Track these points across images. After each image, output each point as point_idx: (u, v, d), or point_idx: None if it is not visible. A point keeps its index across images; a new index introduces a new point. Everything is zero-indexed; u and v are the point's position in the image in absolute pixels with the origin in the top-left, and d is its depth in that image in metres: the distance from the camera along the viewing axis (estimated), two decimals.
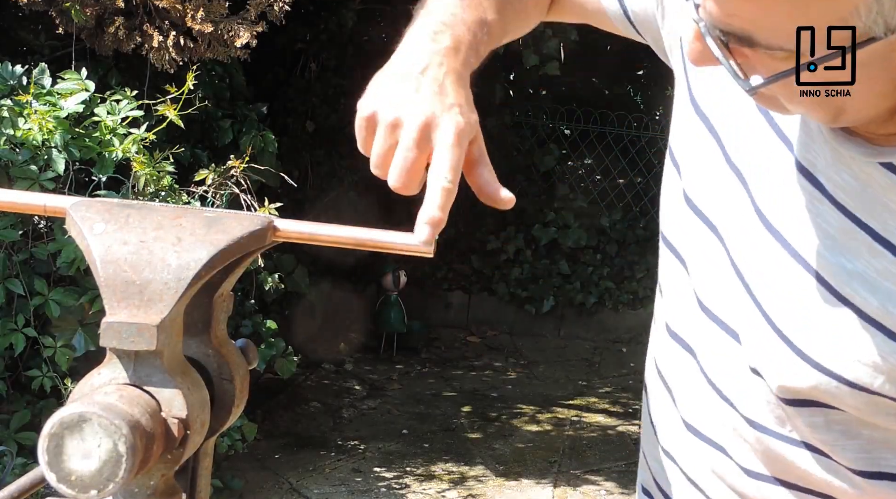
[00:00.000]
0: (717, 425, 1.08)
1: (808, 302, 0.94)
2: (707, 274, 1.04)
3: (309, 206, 5.49)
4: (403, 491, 4.22)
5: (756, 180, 0.98)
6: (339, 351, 5.89)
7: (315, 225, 0.80)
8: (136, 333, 0.71)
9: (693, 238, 1.06)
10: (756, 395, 1.02)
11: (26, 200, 0.81)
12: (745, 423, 1.04)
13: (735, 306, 1.01)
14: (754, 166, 0.98)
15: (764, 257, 0.97)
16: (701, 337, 1.07)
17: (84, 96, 3.16)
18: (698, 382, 1.08)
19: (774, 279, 0.96)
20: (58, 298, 3.17)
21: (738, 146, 1.00)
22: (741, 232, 1.00)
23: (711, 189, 1.03)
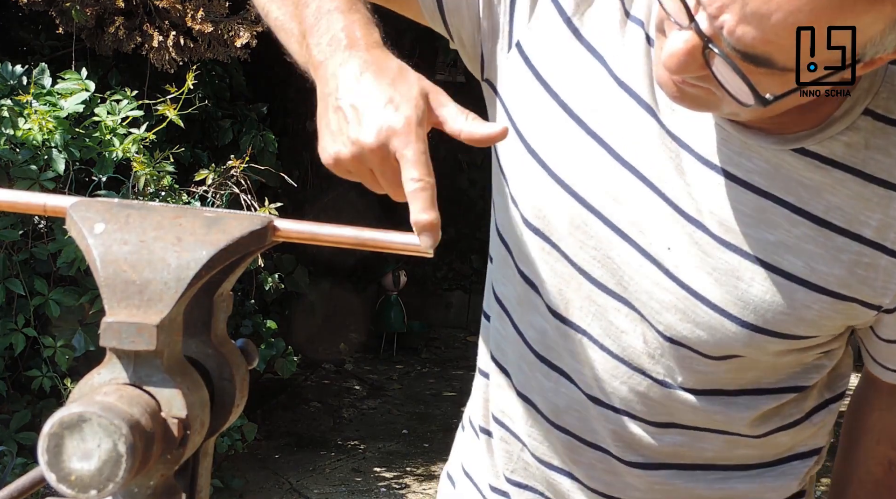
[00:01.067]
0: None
1: (741, 275, 1.03)
2: (632, 281, 1.08)
3: (309, 206, 5.50)
4: (403, 491, 4.22)
5: (661, 176, 1.04)
6: (340, 351, 5.89)
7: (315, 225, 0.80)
8: (135, 333, 0.71)
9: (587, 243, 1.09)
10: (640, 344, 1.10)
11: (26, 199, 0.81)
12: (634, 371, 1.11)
13: (664, 297, 1.07)
14: (655, 167, 1.04)
15: (686, 247, 1.04)
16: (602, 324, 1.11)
17: (84, 96, 3.17)
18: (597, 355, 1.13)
19: (696, 260, 1.04)
20: (58, 298, 3.17)
21: (628, 148, 1.05)
22: (659, 227, 1.05)
23: (597, 175, 1.06)
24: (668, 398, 1.11)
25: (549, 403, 1.17)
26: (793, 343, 1.06)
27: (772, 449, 1.17)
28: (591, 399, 1.13)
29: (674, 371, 1.10)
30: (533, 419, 1.19)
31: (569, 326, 1.12)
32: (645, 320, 1.08)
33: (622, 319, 1.09)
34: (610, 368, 1.11)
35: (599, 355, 1.12)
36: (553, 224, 1.09)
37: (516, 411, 1.21)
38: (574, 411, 1.15)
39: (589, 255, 1.08)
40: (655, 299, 1.07)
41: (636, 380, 1.11)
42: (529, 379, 1.18)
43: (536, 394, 1.18)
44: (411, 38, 6.16)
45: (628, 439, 1.14)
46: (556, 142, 1.08)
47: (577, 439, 1.16)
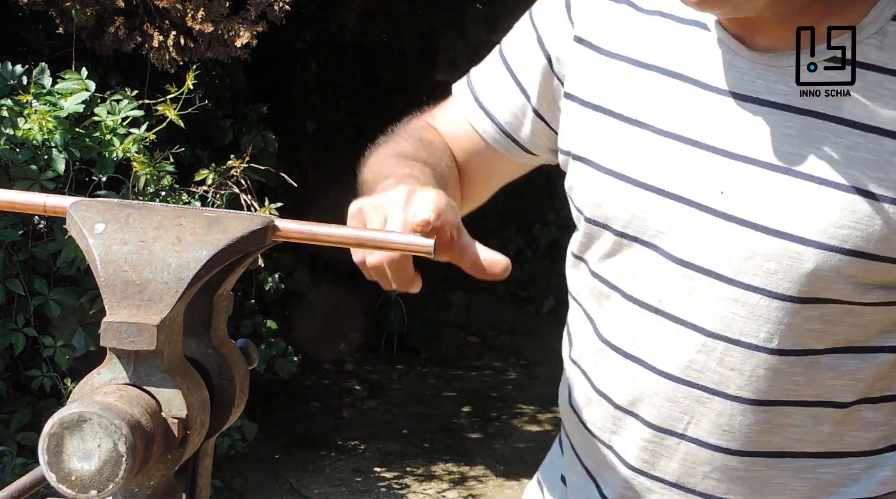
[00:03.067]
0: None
1: (801, 197, 1.03)
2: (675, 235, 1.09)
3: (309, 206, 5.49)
4: (403, 491, 4.22)
5: (703, 130, 1.07)
6: (340, 351, 5.89)
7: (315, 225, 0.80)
8: (135, 333, 0.71)
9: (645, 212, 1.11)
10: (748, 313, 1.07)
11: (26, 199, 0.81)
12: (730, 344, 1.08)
13: (720, 246, 1.06)
14: (696, 124, 1.08)
15: (737, 184, 1.05)
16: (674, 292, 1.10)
17: (84, 96, 3.17)
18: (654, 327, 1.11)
19: (753, 194, 1.04)
20: (58, 298, 3.17)
21: (667, 119, 1.09)
22: (711, 177, 1.06)
23: (648, 157, 1.10)
24: (756, 365, 1.07)
25: (623, 393, 1.15)
26: (870, 266, 1.03)
27: (862, 430, 1.12)
28: (677, 381, 1.11)
29: (758, 329, 1.06)
30: (610, 414, 1.17)
31: (646, 309, 1.11)
32: (718, 277, 1.06)
33: (696, 285, 1.08)
34: (696, 344, 1.09)
35: (680, 333, 1.10)
36: (613, 214, 1.12)
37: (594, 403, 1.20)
38: (655, 397, 1.12)
39: (650, 231, 1.10)
40: (720, 251, 1.06)
41: (721, 350, 1.08)
42: (603, 370, 1.18)
43: (611, 385, 1.17)
44: (411, 37, 6.16)
45: (712, 422, 1.10)
46: (603, 142, 1.13)
47: (656, 428, 1.13)
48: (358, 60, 6.16)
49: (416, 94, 6.40)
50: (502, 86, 1.25)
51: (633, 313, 1.13)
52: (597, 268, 1.17)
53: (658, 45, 1.11)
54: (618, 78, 1.13)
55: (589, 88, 1.16)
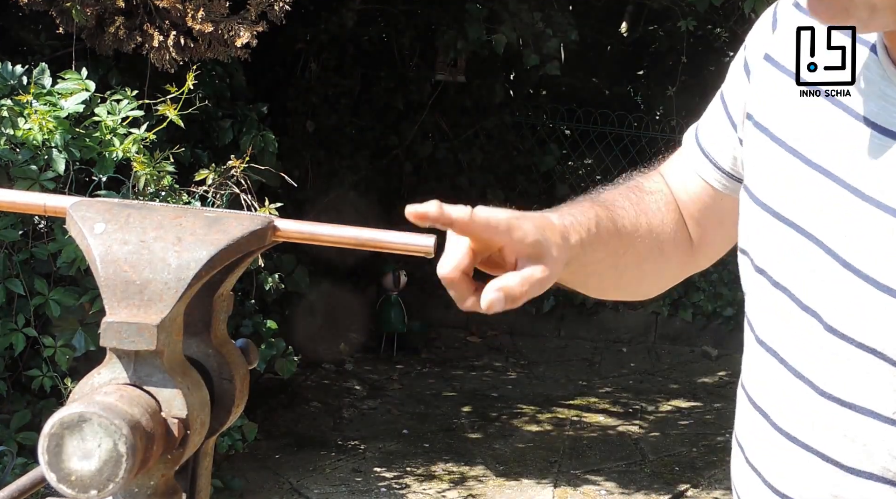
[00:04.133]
0: (823, 431, 1.01)
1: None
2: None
3: (309, 206, 5.50)
4: (403, 491, 4.22)
5: (839, 163, 0.98)
6: (340, 351, 5.89)
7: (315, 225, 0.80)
8: (136, 333, 0.71)
9: (789, 253, 1.03)
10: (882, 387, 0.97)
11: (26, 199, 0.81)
12: (872, 418, 0.97)
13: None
14: (835, 152, 0.99)
15: (865, 231, 0.96)
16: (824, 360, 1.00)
17: (84, 96, 3.17)
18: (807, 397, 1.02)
19: (883, 249, 0.95)
20: (58, 298, 3.17)
21: (814, 143, 1.01)
22: (838, 223, 0.98)
23: (796, 194, 1.02)
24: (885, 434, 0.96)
25: (754, 443, 1.07)
26: None
27: None
28: (796, 443, 1.02)
29: (888, 398, 0.95)
30: (742, 461, 1.10)
31: (772, 356, 1.04)
32: (837, 334, 0.97)
33: (818, 337, 0.99)
34: (816, 405, 0.99)
35: (802, 390, 1.01)
36: (768, 256, 1.05)
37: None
38: (774, 457, 1.04)
39: (784, 268, 1.02)
40: (840, 302, 0.97)
41: (846, 417, 0.98)
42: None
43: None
44: (411, 37, 6.16)
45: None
46: (762, 170, 1.06)
47: (778, 493, 1.04)
48: (358, 60, 6.16)
49: (417, 94, 6.40)
50: (719, 126, 1.18)
51: (760, 357, 1.06)
52: (746, 303, 1.11)
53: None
54: (783, 96, 1.06)
55: (761, 106, 1.09)
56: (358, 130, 6.28)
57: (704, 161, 1.19)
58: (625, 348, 6.37)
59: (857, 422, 0.98)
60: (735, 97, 1.15)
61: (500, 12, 5.28)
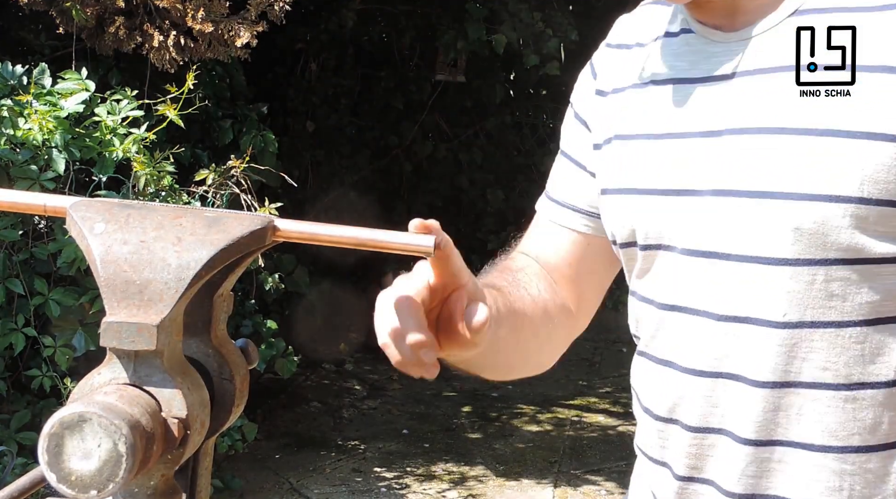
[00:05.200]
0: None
1: (776, 154, 1.01)
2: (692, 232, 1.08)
3: (309, 206, 5.50)
4: (403, 491, 4.22)
5: (686, 118, 1.10)
6: (340, 351, 5.89)
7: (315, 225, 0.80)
8: (136, 333, 0.71)
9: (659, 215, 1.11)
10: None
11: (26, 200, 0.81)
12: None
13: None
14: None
15: (725, 160, 1.05)
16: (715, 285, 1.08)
17: (84, 96, 3.17)
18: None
19: (744, 166, 1.04)
20: (58, 298, 3.17)
21: (662, 121, 1.12)
22: (720, 161, 1.06)
23: (652, 165, 1.12)
24: (767, 340, 1.03)
25: (663, 399, 1.13)
26: (869, 211, 0.97)
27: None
28: (703, 375, 1.08)
29: (766, 302, 1.02)
30: (651, 421, 1.16)
31: (666, 310, 1.11)
32: (726, 258, 1.05)
33: (710, 272, 1.06)
34: (715, 331, 1.06)
35: (701, 325, 1.07)
36: (634, 228, 1.13)
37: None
38: (687, 399, 1.10)
39: (666, 234, 1.10)
40: (722, 231, 1.04)
41: (739, 331, 1.05)
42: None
43: (652, 398, 1.16)
44: (411, 37, 6.16)
45: (740, 409, 1.06)
46: (613, 167, 1.17)
47: (679, 425, 1.11)
48: (358, 60, 6.16)
49: (417, 94, 6.40)
50: (569, 175, 1.27)
51: (659, 316, 1.13)
52: (637, 285, 1.18)
53: (653, 63, 1.15)
54: (621, 106, 1.17)
55: (602, 129, 1.20)
56: (358, 130, 6.28)
57: (564, 211, 1.27)
58: (625, 348, 6.37)
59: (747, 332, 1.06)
60: (576, 146, 1.26)
61: (500, 12, 5.28)
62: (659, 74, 1.14)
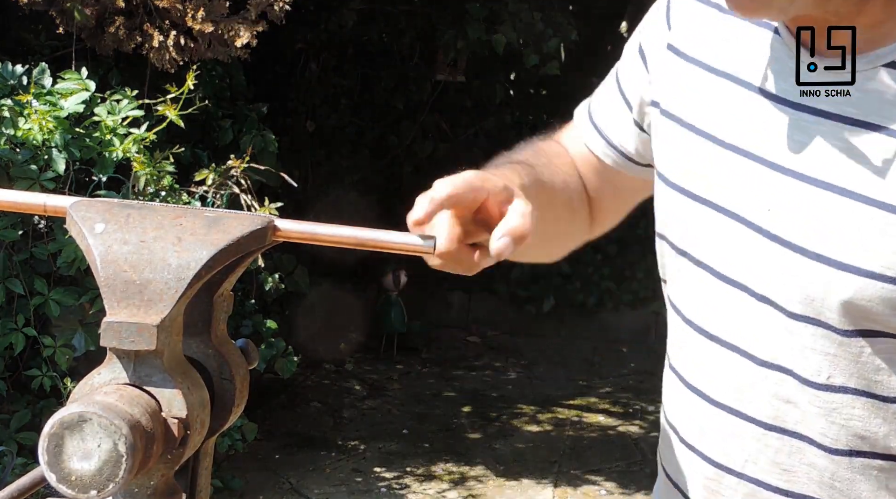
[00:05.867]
0: (757, 399, 1.05)
1: (845, 217, 0.96)
2: (721, 254, 1.04)
3: (309, 206, 5.49)
4: (403, 491, 4.22)
5: (756, 142, 1.02)
6: (340, 351, 5.89)
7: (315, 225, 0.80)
8: (136, 333, 0.71)
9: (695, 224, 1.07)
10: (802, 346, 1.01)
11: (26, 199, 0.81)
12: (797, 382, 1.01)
13: (768, 269, 1.01)
14: (750, 132, 1.03)
15: (783, 202, 1.00)
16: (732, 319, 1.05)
17: (84, 96, 3.17)
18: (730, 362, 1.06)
19: (797, 214, 0.98)
20: (58, 298, 3.17)
21: (729, 126, 1.05)
22: (759, 192, 1.01)
23: (713, 176, 1.06)
24: (809, 402, 1.00)
25: (686, 425, 1.11)
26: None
27: None
28: (731, 412, 1.05)
29: (807, 360, 0.99)
30: (674, 445, 1.13)
31: (702, 335, 1.07)
32: (769, 303, 1.00)
33: (749, 308, 1.02)
34: (749, 376, 1.03)
35: (734, 362, 1.04)
36: (672, 227, 1.10)
37: (666, 441, 1.16)
38: (712, 431, 1.07)
39: (701, 246, 1.06)
40: (768, 274, 1.00)
41: (777, 381, 1.02)
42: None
43: (677, 418, 1.13)
44: (411, 37, 6.16)
45: (769, 461, 1.04)
46: (670, 152, 1.11)
47: (717, 465, 1.08)
48: (358, 60, 6.15)
49: (417, 94, 6.40)
50: (612, 102, 1.23)
51: (691, 338, 1.08)
52: (667, 287, 1.15)
53: (731, 50, 1.07)
54: (692, 84, 1.10)
55: (668, 95, 1.12)
56: (358, 130, 6.28)
57: (597, 137, 1.24)
58: (625, 348, 6.36)
59: (789, 385, 1.01)
60: (630, 80, 1.20)
61: (500, 12, 5.28)
62: (736, 70, 1.05)
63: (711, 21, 1.09)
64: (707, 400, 1.07)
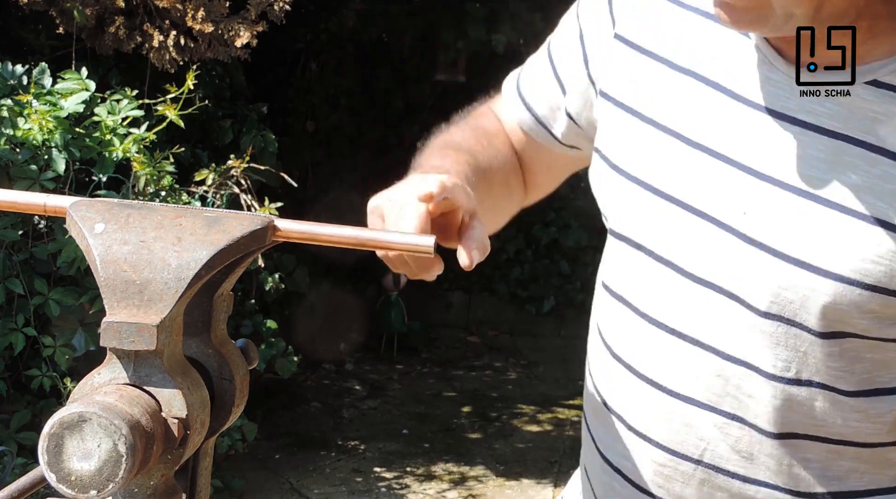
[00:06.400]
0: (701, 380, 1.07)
1: (824, 225, 0.98)
2: (687, 244, 1.06)
3: (309, 206, 5.49)
4: (403, 491, 4.22)
5: (729, 144, 1.03)
6: (340, 351, 5.89)
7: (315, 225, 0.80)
8: (136, 333, 0.71)
9: (657, 220, 1.08)
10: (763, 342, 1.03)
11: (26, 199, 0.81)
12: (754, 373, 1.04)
13: (736, 264, 1.03)
14: (722, 133, 1.04)
15: (760, 206, 1.01)
16: (694, 312, 1.06)
17: (84, 96, 3.16)
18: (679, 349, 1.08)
19: (776, 219, 1.00)
20: (58, 298, 3.17)
21: (697, 124, 1.06)
22: (735, 195, 1.03)
23: (670, 168, 1.07)
24: (773, 395, 1.03)
25: (636, 414, 1.11)
26: (890, 301, 0.98)
27: (885, 468, 1.08)
28: (690, 402, 1.06)
29: (776, 358, 1.02)
30: (620, 432, 1.13)
31: (661, 329, 1.08)
32: (738, 301, 1.02)
33: (715, 306, 1.03)
34: (713, 369, 1.05)
35: (698, 355, 1.05)
36: (633, 222, 1.10)
37: (607, 428, 1.16)
38: (665, 420, 1.09)
39: (669, 245, 1.06)
40: (740, 275, 1.02)
41: (741, 376, 1.04)
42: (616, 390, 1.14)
43: (624, 407, 1.13)
44: (411, 37, 6.16)
45: (730, 448, 1.06)
46: (631, 147, 1.11)
47: (672, 452, 1.09)
48: (358, 60, 6.15)
49: (417, 94, 6.40)
50: (543, 78, 1.24)
51: (645, 331, 1.09)
52: (610, 277, 1.15)
53: (696, 48, 1.07)
54: (652, 79, 1.10)
55: (623, 88, 1.12)
56: (358, 129, 6.28)
57: (525, 112, 1.25)
58: None
59: (755, 380, 1.04)
60: (567, 65, 1.20)
61: (500, 12, 5.28)
62: (703, 70, 1.06)
63: (663, 12, 1.10)
64: (662, 390, 1.09)
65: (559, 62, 1.22)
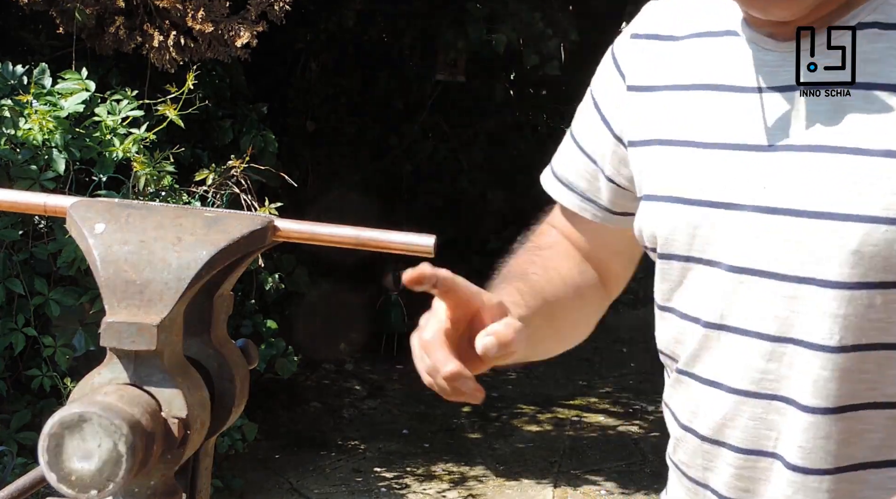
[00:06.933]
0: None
1: (831, 173, 0.99)
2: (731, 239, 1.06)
3: (309, 206, 5.49)
4: (403, 491, 4.22)
5: (741, 131, 1.06)
6: (340, 351, 5.89)
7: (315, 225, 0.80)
8: (136, 333, 0.71)
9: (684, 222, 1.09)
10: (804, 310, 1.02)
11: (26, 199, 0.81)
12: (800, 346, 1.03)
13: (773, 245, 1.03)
14: (728, 127, 1.06)
15: (777, 176, 1.02)
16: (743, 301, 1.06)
17: (84, 96, 3.17)
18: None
19: (792, 182, 1.01)
20: (58, 298, 3.17)
21: (708, 130, 1.08)
22: (754, 175, 1.04)
23: (693, 175, 1.09)
24: (822, 367, 1.00)
25: (708, 419, 1.10)
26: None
27: None
28: (754, 396, 1.05)
29: (818, 325, 1.00)
30: (697, 444, 1.13)
31: (709, 328, 1.08)
32: (771, 276, 1.02)
33: (754, 289, 1.03)
34: (763, 352, 1.03)
35: (747, 343, 1.05)
36: (675, 239, 1.10)
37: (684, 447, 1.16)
38: (737, 419, 1.07)
39: (708, 247, 1.07)
40: (769, 248, 1.02)
41: (790, 353, 1.02)
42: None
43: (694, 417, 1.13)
44: (411, 37, 6.16)
45: (791, 435, 1.04)
46: (658, 172, 1.13)
47: (745, 451, 1.08)
48: (358, 60, 6.16)
49: (417, 94, 6.40)
50: (574, 157, 1.26)
51: (703, 334, 1.08)
52: (673, 304, 1.14)
53: (695, 65, 1.11)
54: (666, 106, 1.13)
55: (644, 127, 1.15)
56: (358, 130, 6.28)
57: (570, 194, 1.26)
58: (625, 348, 6.36)
59: (806, 355, 1.03)
60: (588, 135, 1.24)
61: (500, 12, 5.28)
62: (705, 79, 1.09)
63: (663, 52, 1.15)
64: (728, 390, 1.07)
65: (582, 138, 1.24)
